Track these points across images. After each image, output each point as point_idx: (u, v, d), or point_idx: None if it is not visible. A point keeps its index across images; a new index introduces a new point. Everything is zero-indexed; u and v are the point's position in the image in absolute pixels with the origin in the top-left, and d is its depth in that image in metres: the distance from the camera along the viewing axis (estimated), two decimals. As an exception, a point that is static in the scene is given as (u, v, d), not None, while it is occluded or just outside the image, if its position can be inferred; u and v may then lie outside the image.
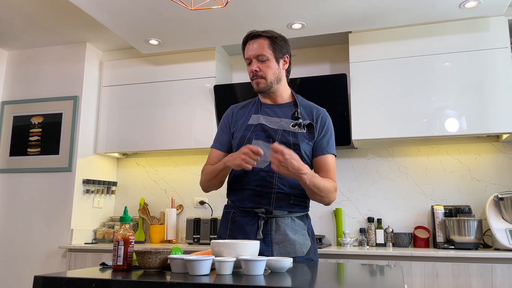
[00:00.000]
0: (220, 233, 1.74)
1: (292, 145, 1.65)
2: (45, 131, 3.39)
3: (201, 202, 3.47)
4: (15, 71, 3.59)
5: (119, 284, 0.99)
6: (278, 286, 0.90)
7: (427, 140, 3.08)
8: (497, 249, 2.64)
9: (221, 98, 3.18)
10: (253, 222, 1.65)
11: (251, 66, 1.71)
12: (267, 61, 1.69)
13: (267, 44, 1.70)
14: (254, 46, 1.70)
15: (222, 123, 1.82)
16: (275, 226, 1.64)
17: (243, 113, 1.79)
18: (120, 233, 1.24)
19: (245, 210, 1.68)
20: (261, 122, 1.71)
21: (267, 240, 1.63)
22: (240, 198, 1.68)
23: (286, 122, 1.70)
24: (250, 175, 1.66)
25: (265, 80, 1.69)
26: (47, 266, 3.18)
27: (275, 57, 1.71)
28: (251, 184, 1.66)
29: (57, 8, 2.92)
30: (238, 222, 1.68)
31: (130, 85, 3.47)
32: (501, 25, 2.77)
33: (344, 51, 3.38)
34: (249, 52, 1.71)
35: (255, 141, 1.67)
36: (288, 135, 1.67)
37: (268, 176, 1.64)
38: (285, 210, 1.66)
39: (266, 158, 1.65)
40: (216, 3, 2.46)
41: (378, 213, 3.13)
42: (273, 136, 1.67)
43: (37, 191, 3.32)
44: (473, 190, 2.99)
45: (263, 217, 1.65)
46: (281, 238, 1.63)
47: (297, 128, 1.68)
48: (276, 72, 1.71)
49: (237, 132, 1.75)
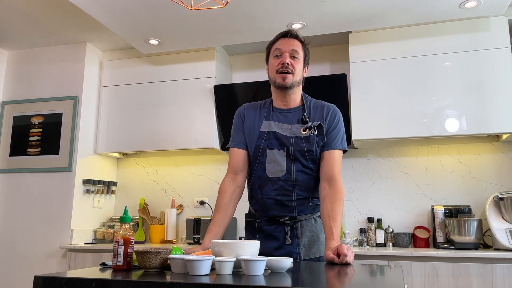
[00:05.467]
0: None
1: (307, 152, 1.67)
2: (45, 131, 3.39)
3: (201, 202, 3.47)
4: (15, 71, 3.59)
5: (119, 284, 0.99)
6: (278, 286, 0.90)
7: (427, 140, 3.08)
8: (497, 249, 2.64)
9: (221, 98, 3.18)
10: (279, 229, 1.69)
11: (282, 58, 1.69)
12: (298, 60, 1.71)
13: (301, 46, 1.73)
14: (291, 42, 1.71)
15: (235, 121, 1.83)
16: (301, 229, 1.69)
17: (255, 114, 1.79)
18: (120, 233, 1.24)
19: (270, 219, 1.71)
20: (273, 129, 1.70)
21: (295, 243, 1.67)
22: (263, 208, 1.71)
23: (296, 127, 1.70)
24: (269, 185, 1.69)
25: (292, 76, 1.69)
26: (47, 266, 3.18)
27: (304, 61, 1.74)
28: (271, 194, 1.69)
29: (57, 8, 2.92)
30: (266, 230, 1.71)
31: (130, 85, 3.47)
32: (501, 25, 2.77)
33: (344, 51, 3.38)
34: (284, 45, 1.70)
35: (270, 150, 1.69)
36: (301, 142, 1.68)
37: (286, 184, 1.68)
38: (307, 213, 1.71)
39: (282, 168, 1.67)
40: (216, 3, 2.46)
41: (378, 213, 3.12)
42: (286, 144, 1.68)
43: (37, 191, 3.32)
44: (473, 190, 2.99)
45: (288, 223, 1.68)
46: (307, 240, 1.69)
47: (308, 132, 1.68)
48: (301, 74, 1.74)
49: (248, 135, 1.76)
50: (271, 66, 1.73)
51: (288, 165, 1.67)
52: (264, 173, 1.70)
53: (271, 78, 1.74)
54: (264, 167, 1.70)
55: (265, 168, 1.69)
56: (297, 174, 1.68)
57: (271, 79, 1.74)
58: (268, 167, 1.69)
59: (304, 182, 1.69)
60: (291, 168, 1.68)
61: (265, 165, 1.69)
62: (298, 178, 1.68)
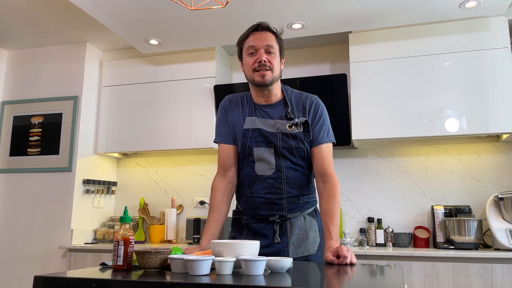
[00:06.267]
0: (236, 238, 1.73)
1: (295, 149, 1.64)
2: (45, 131, 3.39)
3: (201, 202, 3.47)
4: (15, 71, 3.59)
5: (119, 284, 0.99)
6: (278, 286, 0.90)
7: (427, 140, 3.08)
8: (497, 249, 2.64)
9: (221, 98, 3.18)
10: (268, 227, 1.66)
11: (257, 56, 1.61)
12: (274, 55, 1.63)
13: (274, 39, 1.65)
14: (264, 36, 1.62)
15: (220, 115, 1.78)
16: (290, 227, 1.66)
17: (237, 109, 1.73)
18: (120, 233, 1.24)
19: (259, 218, 1.68)
20: (258, 126, 1.66)
21: (284, 241, 1.65)
22: (252, 207, 1.68)
23: (282, 124, 1.65)
24: (258, 183, 1.66)
25: (271, 72, 1.62)
26: (47, 266, 3.18)
27: (279, 54, 1.66)
28: (261, 192, 1.66)
29: (57, 8, 2.92)
30: (254, 228, 1.68)
31: (130, 85, 3.47)
32: (501, 25, 2.77)
33: (344, 51, 3.38)
34: (257, 41, 1.62)
35: (257, 148, 1.65)
36: (289, 139, 1.64)
37: (276, 182, 1.64)
38: (297, 211, 1.68)
39: (272, 165, 1.64)
40: (216, 3, 2.46)
41: (378, 213, 3.12)
42: (273, 141, 1.64)
43: (37, 191, 3.32)
44: (473, 190, 2.99)
45: (277, 221, 1.66)
46: (296, 238, 1.66)
47: (294, 128, 1.64)
48: (279, 68, 1.66)
49: (233, 131, 1.72)
50: (247, 64, 1.65)
51: (277, 163, 1.64)
52: (253, 171, 1.66)
53: (248, 77, 1.66)
54: (253, 165, 1.66)
55: (254, 166, 1.66)
56: (287, 172, 1.65)
57: (248, 78, 1.66)
58: (257, 165, 1.66)
59: (295, 179, 1.66)
60: (280, 166, 1.64)
61: (254, 163, 1.66)
62: (288, 175, 1.65)
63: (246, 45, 1.65)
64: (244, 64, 1.67)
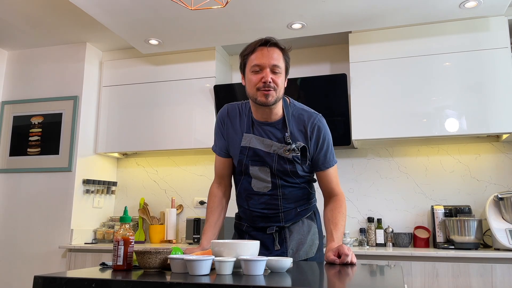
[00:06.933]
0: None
1: (290, 172, 1.62)
2: (45, 131, 3.39)
3: (201, 202, 3.47)
4: (15, 71, 3.59)
5: (119, 284, 0.99)
6: (278, 286, 0.90)
7: (427, 140, 3.08)
8: (497, 249, 2.63)
9: (221, 98, 3.18)
10: (268, 235, 1.69)
11: (262, 75, 1.52)
12: (280, 74, 1.54)
13: (281, 58, 1.55)
14: (271, 54, 1.52)
15: (217, 126, 1.74)
16: (289, 234, 1.68)
17: (235, 121, 1.68)
18: (120, 233, 1.24)
19: (257, 228, 1.71)
20: (254, 146, 1.61)
21: (283, 247, 1.67)
22: (250, 219, 1.71)
23: (278, 146, 1.59)
24: (255, 198, 1.67)
25: (275, 93, 1.53)
26: (47, 266, 3.17)
27: (285, 73, 1.58)
28: (257, 207, 1.67)
29: (57, 8, 2.92)
30: (254, 236, 1.70)
31: (130, 85, 3.47)
32: (501, 25, 2.77)
33: (344, 51, 3.38)
34: (264, 59, 1.51)
35: (252, 167, 1.63)
36: (285, 163, 1.60)
37: (272, 198, 1.65)
38: (295, 220, 1.69)
39: (268, 184, 1.64)
40: (216, 3, 2.46)
41: (378, 213, 3.12)
42: (269, 162, 1.60)
43: (37, 191, 3.32)
44: (473, 190, 2.99)
45: (276, 230, 1.68)
46: (295, 243, 1.67)
47: (291, 152, 1.58)
48: (283, 87, 1.57)
49: (230, 143, 1.69)
50: (250, 81, 1.55)
51: (273, 181, 1.63)
52: (250, 186, 1.67)
53: (250, 94, 1.57)
54: (250, 180, 1.66)
55: (251, 181, 1.66)
56: (283, 189, 1.65)
57: (250, 95, 1.57)
58: (253, 181, 1.66)
59: (291, 195, 1.66)
60: (276, 184, 1.64)
61: (251, 179, 1.66)
62: (285, 192, 1.65)
63: (251, 61, 1.55)
64: (247, 80, 1.58)
